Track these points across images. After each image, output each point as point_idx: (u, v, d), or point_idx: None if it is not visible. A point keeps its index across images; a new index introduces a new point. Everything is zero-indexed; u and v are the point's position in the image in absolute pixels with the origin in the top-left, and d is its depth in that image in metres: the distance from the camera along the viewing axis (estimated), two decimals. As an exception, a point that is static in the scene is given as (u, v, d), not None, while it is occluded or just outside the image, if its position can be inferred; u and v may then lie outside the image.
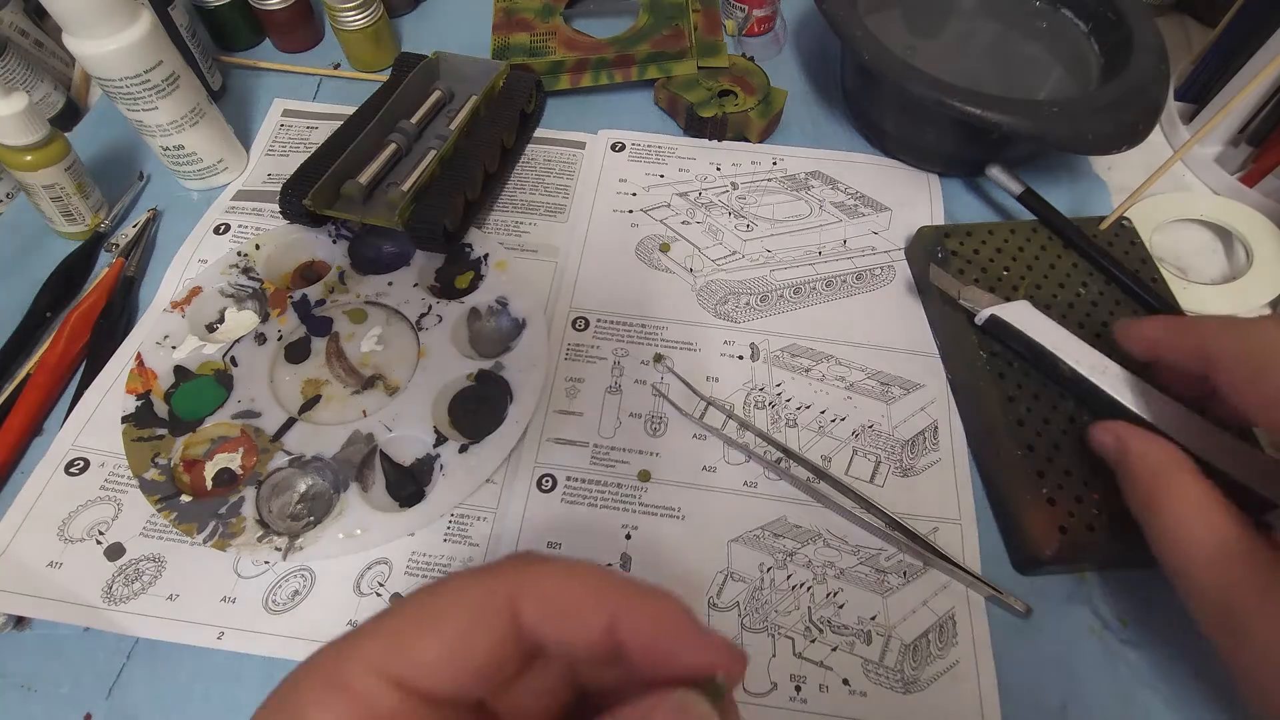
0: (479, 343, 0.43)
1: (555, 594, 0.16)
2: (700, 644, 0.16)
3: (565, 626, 0.16)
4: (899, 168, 0.51)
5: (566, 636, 0.16)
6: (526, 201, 0.49)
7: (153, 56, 0.42)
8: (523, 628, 0.16)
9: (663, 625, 0.16)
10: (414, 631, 0.16)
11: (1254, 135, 0.48)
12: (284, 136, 0.53)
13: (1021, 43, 0.52)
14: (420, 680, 0.15)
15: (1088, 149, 0.43)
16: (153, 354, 0.41)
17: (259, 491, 0.37)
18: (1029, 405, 0.38)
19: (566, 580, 0.17)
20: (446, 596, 0.16)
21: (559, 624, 0.16)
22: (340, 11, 0.53)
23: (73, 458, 0.39)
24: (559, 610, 0.16)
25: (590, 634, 0.16)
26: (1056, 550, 0.34)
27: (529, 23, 0.55)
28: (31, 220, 0.48)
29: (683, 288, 0.45)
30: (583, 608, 0.16)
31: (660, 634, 0.16)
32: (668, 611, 0.16)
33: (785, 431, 0.40)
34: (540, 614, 0.16)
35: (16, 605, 0.34)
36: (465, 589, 0.16)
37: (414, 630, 0.16)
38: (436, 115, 0.50)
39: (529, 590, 0.16)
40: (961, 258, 0.43)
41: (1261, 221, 0.47)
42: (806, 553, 0.36)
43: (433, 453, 0.38)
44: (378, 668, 0.15)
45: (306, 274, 0.46)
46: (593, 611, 0.16)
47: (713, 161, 0.51)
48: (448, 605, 0.16)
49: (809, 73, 0.58)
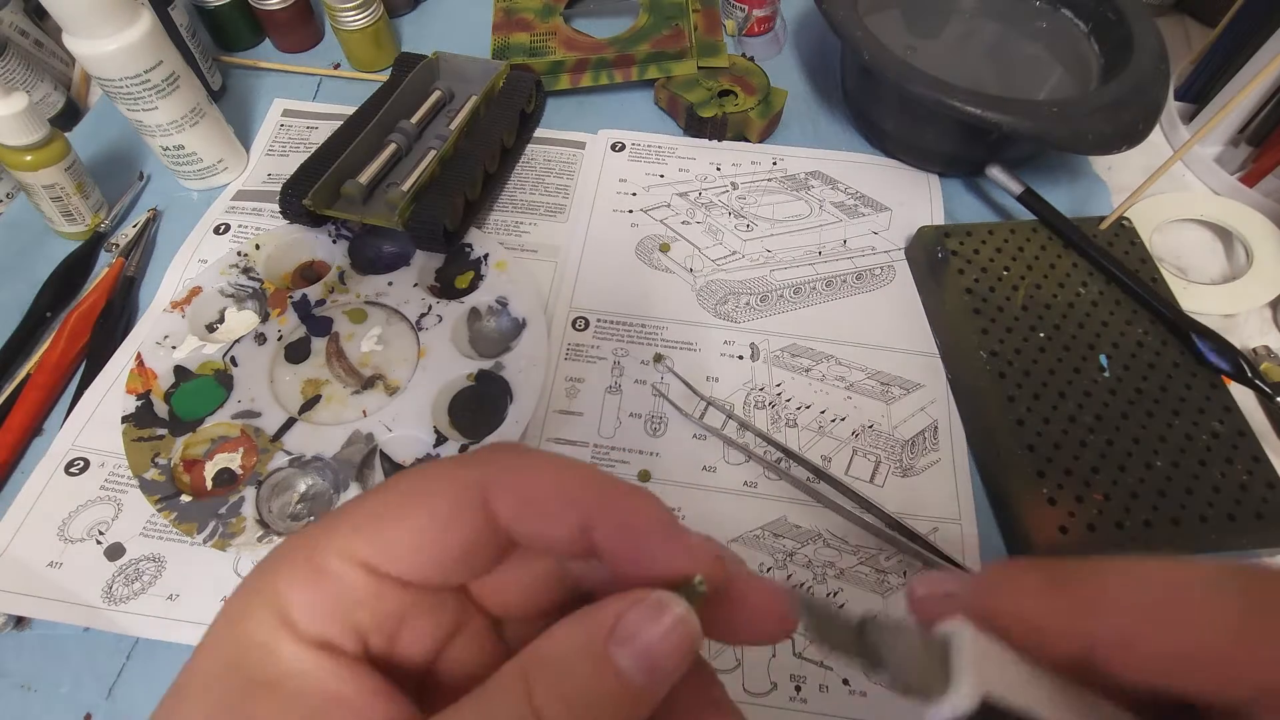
0: (479, 343, 0.43)
1: (527, 489, 0.16)
2: (676, 546, 0.16)
3: (537, 524, 0.16)
4: (899, 168, 0.51)
5: (538, 534, 0.16)
6: (526, 201, 0.49)
7: (153, 56, 0.42)
8: (496, 521, 0.16)
9: (637, 526, 0.16)
10: (388, 519, 0.16)
11: (1254, 135, 0.48)
12: (284, 136, 0.53)
13: (1021, 43, 0.52)
14: (393, 567, 0.15)
15: (1088, 149, 0.43)
16: (153, 354, 0.41)
17: (259, 491, 0.37)
18: (1029, 405, 0.38)
19: (539, 476, 0.16)
20: (421, 485, 0.16)
21: (531, 521, 0.16)
22: (340, 11, 0.53)
23: (73, 458, 0.39)
24: (530, 507, 0.16)
25: (563, 532, 0.16)
26: (1056, 550, 0.34)
27: (529, 23, 0.55)
28: (31, 220, 0.48)
29: (683, 288, 0.45)
30: (555, 505, 0.16)
31: (634, 535, 0.16)
32: (642, 512, 0.16)
33: (785, 431, 0.40)
34: (513, 509, 0.16)
35: (16, 605, 0.34)
36: (439, 478, 0.16)
37: (387, 518, 0.16)
38: (436, 115, 0.50)
39: (503, 483, 0.16)
40: (961, 258, 0.43)
41: (1261, 221, 0.47)
42: (806, 553, 0.36)
43: (433, 452, 0.38)
44: (351, 553, 0.15)
45: (306, 274, 0.46)
46: (565, 510, 0.16)
47: (713, 161, 0.51)
48: (421, 495, 0.16)
49: (809, 73, 0.58)
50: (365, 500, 0.16)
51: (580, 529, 0.16)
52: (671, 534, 0.16)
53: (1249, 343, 0.44)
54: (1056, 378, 0.39)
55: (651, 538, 0.16)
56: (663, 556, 0.16)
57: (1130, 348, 0.40)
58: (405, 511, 0.16)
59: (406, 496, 0.16)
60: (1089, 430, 0.37)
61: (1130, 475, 0.36)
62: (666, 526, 0.16)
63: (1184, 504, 0.35)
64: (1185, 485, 0.36)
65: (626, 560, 0.16)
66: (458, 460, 0.17)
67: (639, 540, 0.16)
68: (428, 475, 0.16)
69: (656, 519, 0.16)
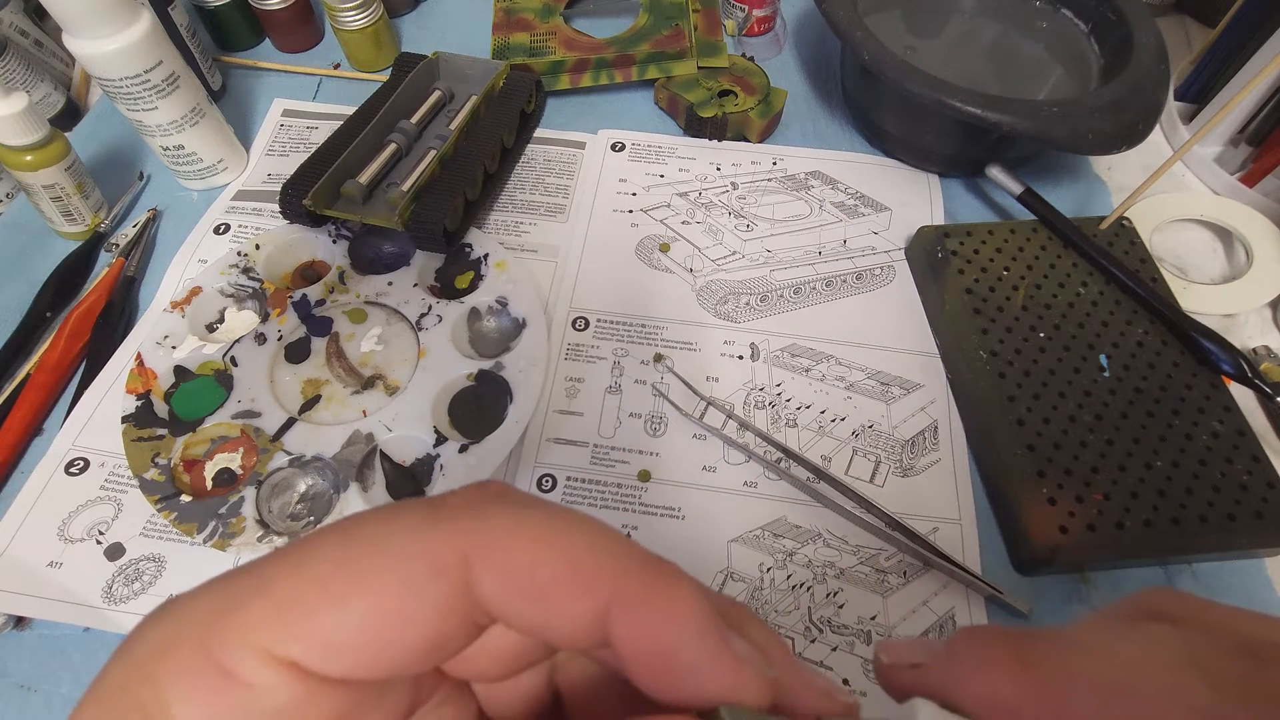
0: (479, 343, 0.43)
1: (526, 564, 0.12)
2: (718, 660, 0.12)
3: (536, 614, 0.12)
4: (899, 168, 0.51)
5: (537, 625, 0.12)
6: (526, 201, 0.49)
7: (153, 56, 0.42)
8: (477, 601, 0.12)
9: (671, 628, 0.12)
10: (319, 598, 0.11)
11: (1254, 135, 0.48)
12: (284, 136, 0.53)
13: (1021, 43, 0.52)
14: (331, 666, 0.11)
15: (1088, 149, 0.43)
16: (153, 354, 0.41)
17: (259, 491, 0.37)
18: (1029, 405, 0.38)
19: (539, 545, 0.12)
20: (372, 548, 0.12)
21: (527, 611, 0.12)
22: (340, 11, 0.53)
23: (73, 458, 0.39)
24: (528, 591, 0.12)
25: (571, 625, 0.12)
26: (1056, 550, 0.34)
27: (529, 23, 0.55)
28: (31, 220, 0.48)
29: (683, 288, 0.45)
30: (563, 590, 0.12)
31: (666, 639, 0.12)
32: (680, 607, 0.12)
33: (785, 431, 0.40)
34: (503, 592, 0.12)
35: (16, 605, 0.34)
36: (399, 538, 0.12)
37: (319, 597, 0.11)
38: (436, 115, 0.50)
39: (490, 557, 0.12)
40: (961, 258, 0.43)
41: (1261, 221, 0.47)
42: (806, 553, 0.36)
43: (433, 453, 0.38)
44: (266, 647, 0.11)
45: (306, 274, 0.46)
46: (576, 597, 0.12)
47: (713, 161, 0.51)
48: (372, 563, 0.12)
49: (809, 73, 0.58)
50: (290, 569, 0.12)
51: (594, 621, 0.12)
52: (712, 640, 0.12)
53: (1249, 343, 0.44)
54: (1056, 378, 0.39)
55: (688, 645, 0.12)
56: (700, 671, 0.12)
57: (1130, 348, 0.40)
58: (350, 592, 0.11)
59: (352, 570, 0.12)
60: (1089, 430, 0.37)
61: (1130, 475, 0.36)
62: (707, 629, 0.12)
63: (1184, 504, 0.35)
64: (1185, 485, 0.36)
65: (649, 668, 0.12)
66: (425, 513, 0.12)
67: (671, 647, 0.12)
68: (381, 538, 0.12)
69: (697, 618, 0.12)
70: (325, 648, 0.11)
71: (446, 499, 0.13)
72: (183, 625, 0.12)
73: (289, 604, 0.11)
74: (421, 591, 0.12)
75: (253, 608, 0.11)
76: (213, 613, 0.12)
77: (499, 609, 0.12)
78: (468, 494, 0.13)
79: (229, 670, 0.11)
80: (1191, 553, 0.36)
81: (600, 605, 0.12)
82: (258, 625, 0.11)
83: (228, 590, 0.12)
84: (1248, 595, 0.36)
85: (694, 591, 0.12)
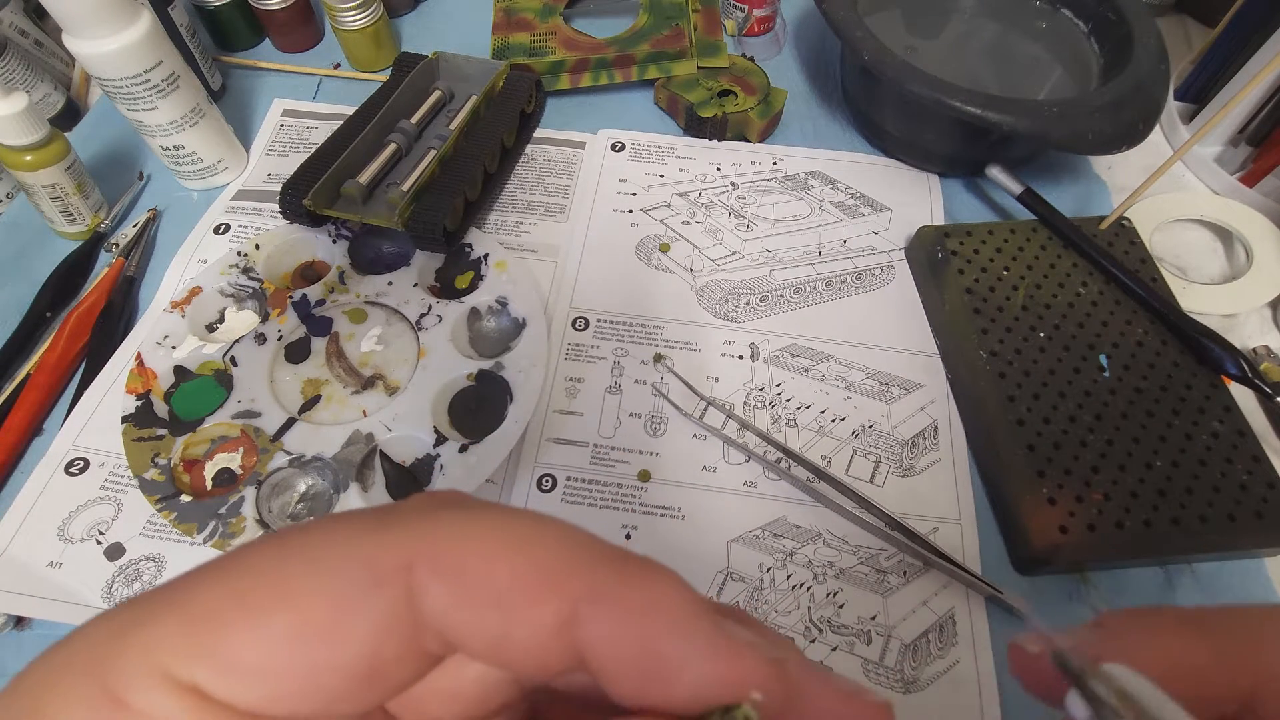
0: (479, 343, 0.43)
1: (480, 565, 0.10)
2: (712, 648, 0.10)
3: (494, 622, 0.10)
4: (899, 168, 0.51)
5: (496, 639, 0.10)
6: (526, 201, 0.49)
7: (153, 56, 0.42)
8: (423, 617, 0.10)
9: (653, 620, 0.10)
10: (235, 612, 0.10)
11: (1254, 135, 0.48)
12: (284, 136, 0.53)
13: (1021, 43, 0.52)
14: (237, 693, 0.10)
15: (1088, 149, 0.43)
16: (153, 354, 0.41)
17: (259, 491, 0.37)
18: (1029, 405, 0.38)
19: (500, 545, 0.10)
20: (303, 557, 0.10)
21: (483, 618, 0.10)
22: (340, 11, 0.53)
23: (73, 458, 0.39)
24: (483, 593, 0.10)
25: (536, 636, 0.10)
26: (1056, 550, 0.34)
27: (529, 23, 0.55)
28: (31, 220, 0.48)
29: (683, 288, 0.45)
30: (524, 590, 0.10)
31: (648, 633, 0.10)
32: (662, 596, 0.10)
33: (785, 431, 0.40)
34: (453, 597, 0.10)
35: (16, 605, 0.34)
36: (337, 546, 0.10)
37: (235, 610, 0.10)
38: (436, 115, 0.50)
39: (437, 556, 0.10)
40: (961, 258, 0.43)
41: (1261, 221, 0.47)
42: (806, 553, 0.36)
43: (433, 453, 0.38)
44: (167, 669, 0.10)
45: (306, 274, 0.46)
46: (541, 596, 0.10)
47: (713, 161, 0.51)
48: (301, 572, 0.10)
49: (809, 73, 0.58)
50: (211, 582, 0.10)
51: (560, 625, 0.10)
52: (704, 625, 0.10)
53: (1249, 343, 0.44)
54: (1056, 378, 0.39)
55: (674, 634, 0.10)
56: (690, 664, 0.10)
57: (1130, 348, 0.40)
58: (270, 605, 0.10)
59: (276, 581, 0.10)
60: (1089, 430, 0.37)
61: (1130, 475, 0.36)
62: (696, 614, 0.10)
63: (1184, 504, 0.35)
64: (1185, 485, 0.36)
65: (633, 675, 0.10)
66: (370, 520, 0.11)
67: (654, 637, 0.10)
68: (317, 546, 0.10)
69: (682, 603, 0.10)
70: (235, 670, 0.10)
71: (396, 506, 0.11)
72: (77, 649, 0.10)
73: (199, 620, 0.10)
74: (356, 605, 0.10)
75: (157, 624, 0.10)
76: (114, 633, 0.10)
77: (450, 623, 0.10)
78: (418, 500, 0.11)
79: (119, 698, 0.10)
80: (1191, 553, 0.36)
81: (568, 606, 0.10)
82: (159, 644, 0.10)
83: (138, 607, 0.10)
84: (1248, 595, 0.36)
85: (676, 580, 0.11)
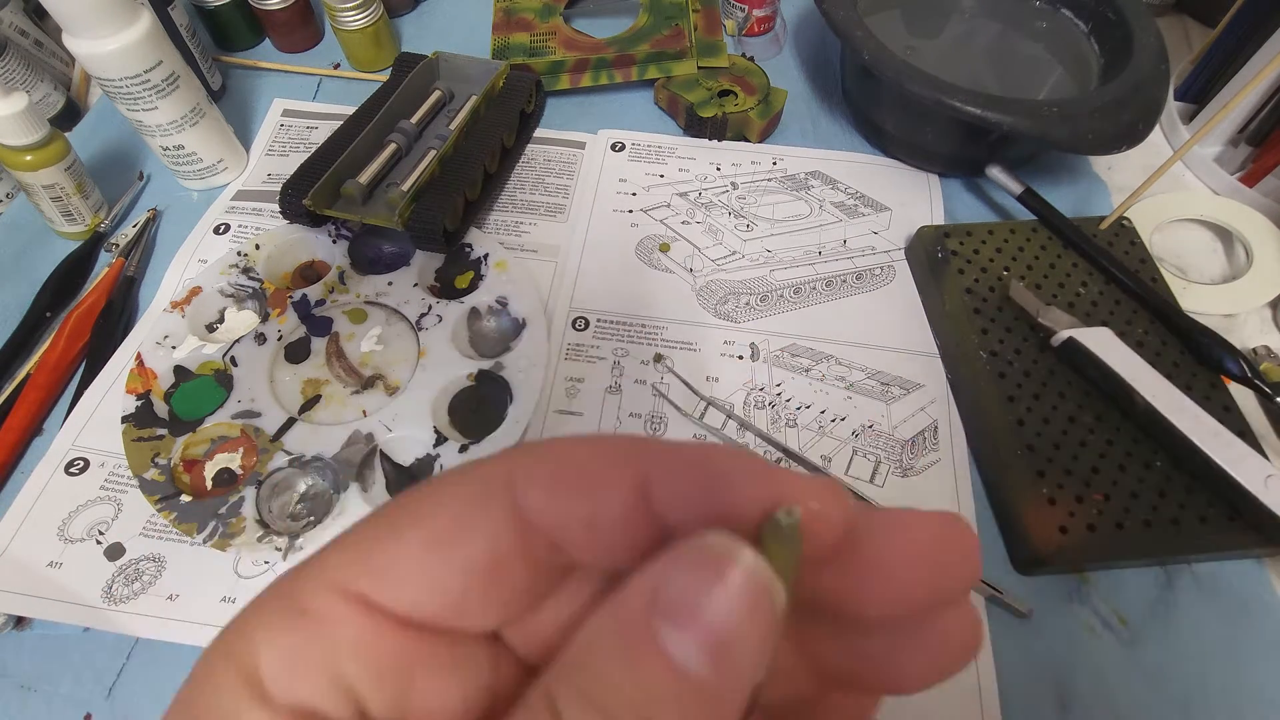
0: (479, 343, 0.43)
1: (563, 463, 0.12)
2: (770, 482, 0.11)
3: (576, 500, 0.12)
4: (899, 168, 0.51)
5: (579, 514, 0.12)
6: (526, 201, 0.49)
7: (153, 56, 0.42)
8: (527, 517, 0.12)
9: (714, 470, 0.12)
10: (386, 534, 0.12)
11: (1254, 135, 0.48)
12: (284, 136, 0.53)
13: (1021, 43, 0.52)
14: (393, 597, 0.12)
15: (1088, 149, 0.43)
16: (153, 354, 0.41)
17: (259, 491, 0.37)
18: (1029, 405, 0.38)
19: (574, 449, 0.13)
20: (428, 492, 0.13)
21: (571, 505, 0.12)
22: (340, 11, 0.53)
23: (73, 458, 0.39)
24: (567, 481, 0.12)
25: (614, 504, 0.12)
26: (1056, 550, 0.34)
27: (529, 23, 0.55)
28: (31, 220, 0.48)
29: (683, 288, 0.45)
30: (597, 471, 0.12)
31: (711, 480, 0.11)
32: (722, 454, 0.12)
33: (785, 431, 0.40)
34: (545, 494, 0.12)
35: (16, 605, 0.34)
36: (449, 480, 0.13)
37: (385, 535, 0.12)
38: (436, 115, 0.50)
39: (530, 466, 0.12)
40: (961, 258, 0.43)
41: (1261, 221, 0.47)
42: (806, 553, 0.36)
43: (433, 453, 0.38)
44: (340, 584, 0.12)
45: (306, 274, 0.46)
46: (612, 474, 0.12)
47: (713, 161, 0.51)
48: (428, 503, 0.13)
49: (809, 73, 0.58)
50: (372, 518, 0.13)
51: (637, 495, 0.12)
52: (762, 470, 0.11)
53: (1249, 343, 0.44)
54: (1056, 378, 0.39)
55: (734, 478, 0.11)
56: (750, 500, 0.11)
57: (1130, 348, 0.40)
58: (407, 524, 0.12)
59: (409, 509, 0.13)
60: (1089, 430, 0.37)
61: (1130, 475, 0.36)
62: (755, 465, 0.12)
63: (1184, 504, 0.35)
64: (1185, 485, 0.36)
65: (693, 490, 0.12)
66: (477, 460, 0.13)
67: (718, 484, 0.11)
68: (437, 481, 0.13)
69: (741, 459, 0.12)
70: (385, 578, 0.12)
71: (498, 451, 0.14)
72: (275, 583, 0.13)
73: (361, 544, 0.12)
74: (473, 515, 0.12)
75: (331, 553, 0.13)
76: (299, 568, 0.13)
77: (548, 518, 0.12)
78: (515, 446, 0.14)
79: (305, 608, 0.12)
80: (1191, 553, 0.36)
81: (639, 476, 0.12)
82: (332, 566, 0.12)
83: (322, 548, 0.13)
84: (1248, 595, 0.36)
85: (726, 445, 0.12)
